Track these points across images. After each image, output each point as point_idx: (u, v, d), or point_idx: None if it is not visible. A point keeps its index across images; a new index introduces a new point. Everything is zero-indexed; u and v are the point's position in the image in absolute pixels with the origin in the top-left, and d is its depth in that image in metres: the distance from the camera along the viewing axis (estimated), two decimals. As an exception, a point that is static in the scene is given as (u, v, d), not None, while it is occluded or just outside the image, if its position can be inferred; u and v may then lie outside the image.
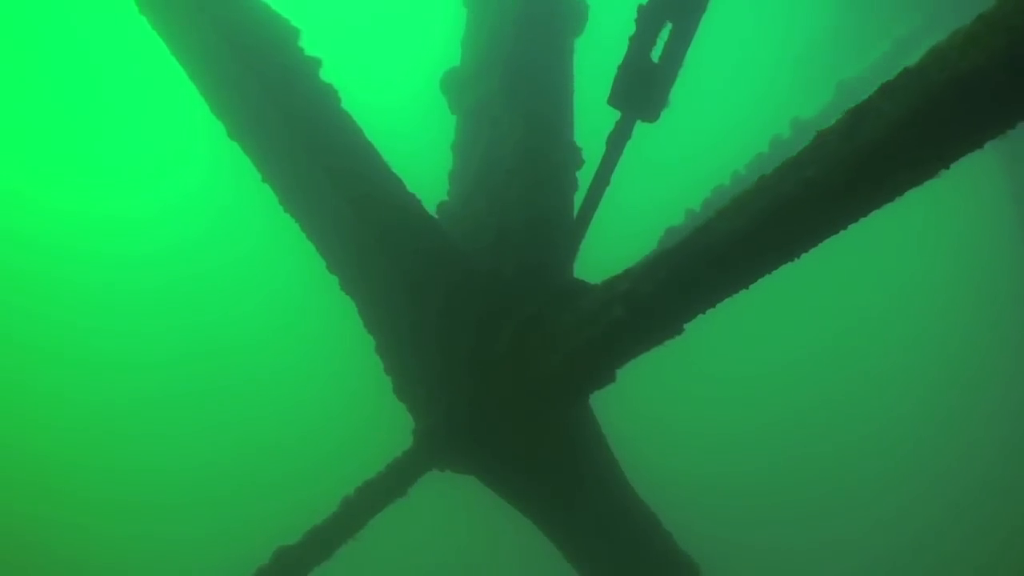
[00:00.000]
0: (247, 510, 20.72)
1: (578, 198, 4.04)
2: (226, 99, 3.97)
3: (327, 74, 4.03)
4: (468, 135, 4.54)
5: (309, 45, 4.00)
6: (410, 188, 3.99)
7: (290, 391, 24.01)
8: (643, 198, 23.13)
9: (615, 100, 3.59)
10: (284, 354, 24.45)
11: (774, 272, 2.79)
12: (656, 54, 3.51)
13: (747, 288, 2.85)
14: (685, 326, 3.09)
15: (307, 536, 4.19)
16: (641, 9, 3.43)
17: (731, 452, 24.23)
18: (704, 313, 3.02)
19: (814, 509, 22.99)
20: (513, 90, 4.30)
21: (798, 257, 2.67)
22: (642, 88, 3.50)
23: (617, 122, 3.70)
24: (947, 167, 2.23)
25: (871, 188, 2.35)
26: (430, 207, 4.15)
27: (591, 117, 4.57)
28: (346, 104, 4.00)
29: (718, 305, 2.98)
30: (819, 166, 2.36)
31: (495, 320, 3.73)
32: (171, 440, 22.70)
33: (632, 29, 3.45)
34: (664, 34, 3.46)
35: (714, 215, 2.78)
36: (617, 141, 3.71)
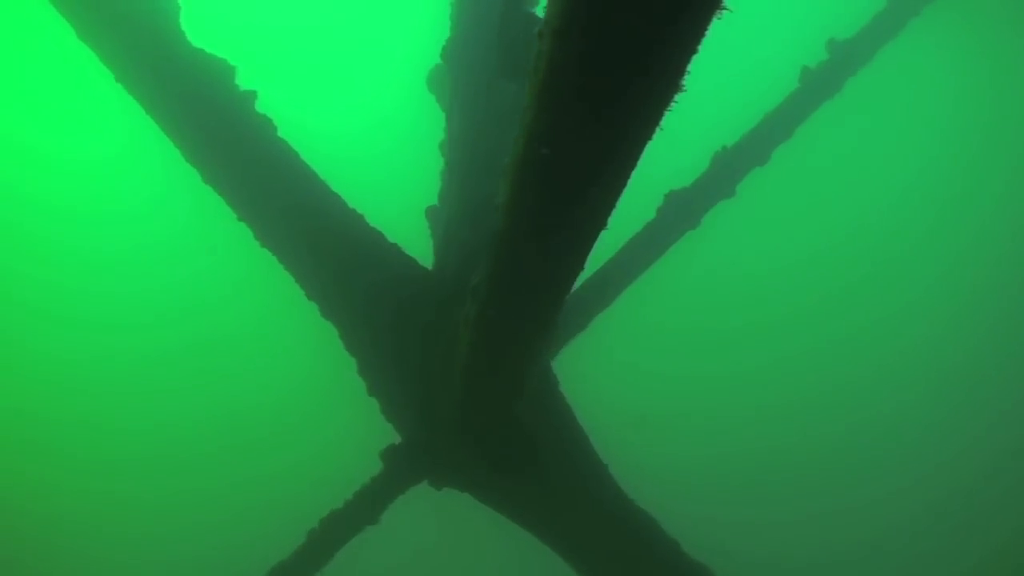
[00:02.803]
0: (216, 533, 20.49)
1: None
2: (182, 145, 3.96)
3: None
4: (454, 132, 4.29)
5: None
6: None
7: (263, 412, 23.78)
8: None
9: (506, 71, 3.34)
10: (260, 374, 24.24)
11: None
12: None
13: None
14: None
15: (272, 572, 3.99)
16: None
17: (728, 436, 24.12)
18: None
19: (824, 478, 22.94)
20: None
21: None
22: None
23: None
24: None
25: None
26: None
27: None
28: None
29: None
30: None
31: (437, 331, 3.61)
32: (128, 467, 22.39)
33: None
34: None
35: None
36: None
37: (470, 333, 2.75)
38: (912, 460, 22.05)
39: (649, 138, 1.74)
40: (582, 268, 2.37)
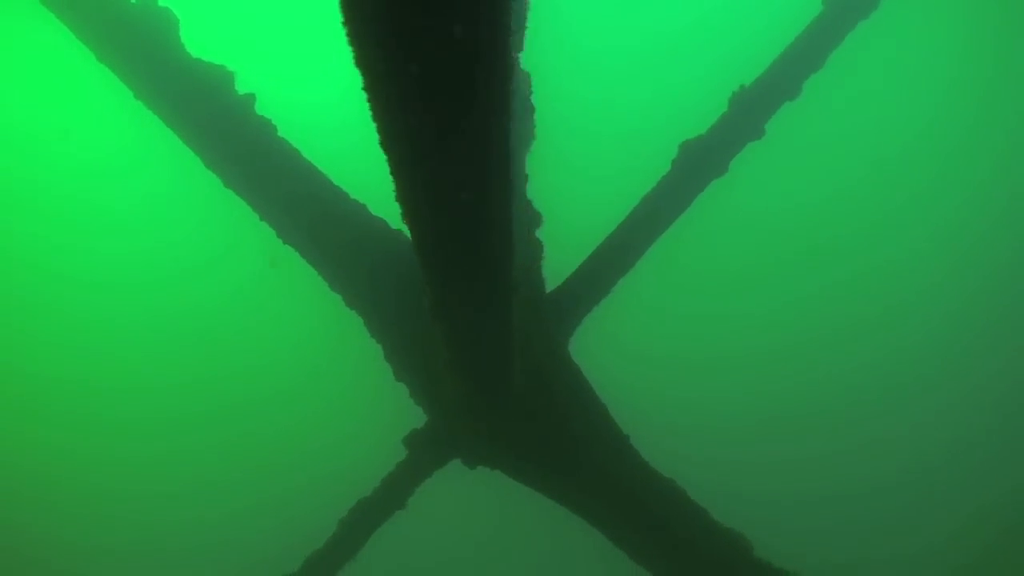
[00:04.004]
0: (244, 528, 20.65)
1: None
2: (198, 150, 4.13)
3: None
4: None
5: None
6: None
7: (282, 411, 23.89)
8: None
9: None
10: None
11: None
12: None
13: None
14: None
15: (308, 563, 4.10)
16: None
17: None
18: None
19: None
20: None
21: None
22: None
23: None
24: None
25: None
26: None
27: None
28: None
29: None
30: None
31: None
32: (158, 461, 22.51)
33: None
34: None
35: None
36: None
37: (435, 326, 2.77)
38: (930, 396, 22.22)
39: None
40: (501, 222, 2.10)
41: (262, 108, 4.05)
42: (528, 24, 3.87)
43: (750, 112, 4.49)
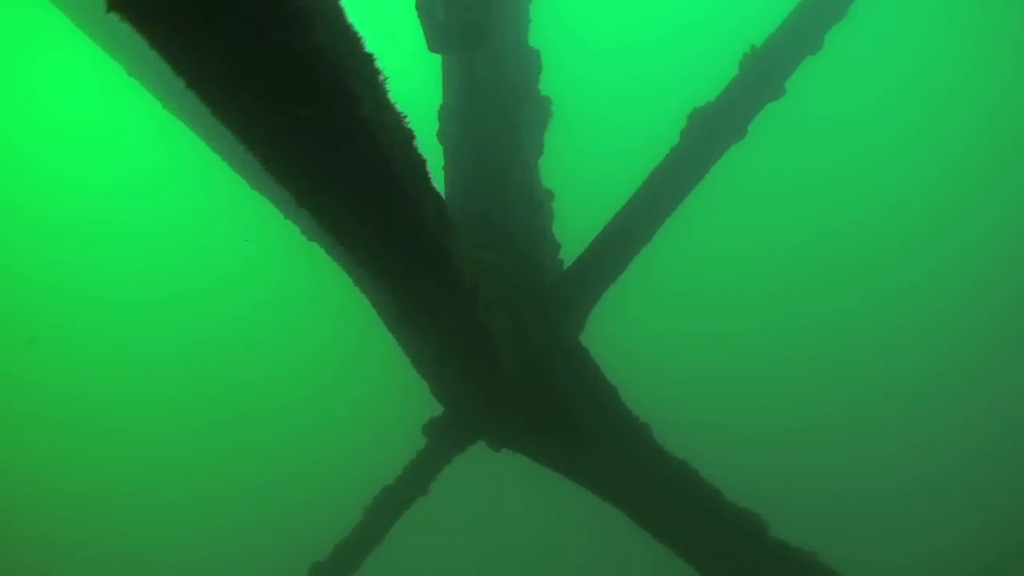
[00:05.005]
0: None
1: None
2: (226, 155, 4.18)
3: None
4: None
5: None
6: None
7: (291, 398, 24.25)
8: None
9: (439, 43, 3.27)
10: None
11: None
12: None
13: None
14: None
15: (336, 550, 4.23)
16: None
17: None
18: None
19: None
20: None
21: None
22: (465, 14, 3.20)
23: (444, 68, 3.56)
24: None
25: None
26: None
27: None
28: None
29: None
30: None
31: None
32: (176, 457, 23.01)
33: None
34: None
35: None
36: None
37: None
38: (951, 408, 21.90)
39: None
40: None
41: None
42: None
43: (766, 70, 4.15)
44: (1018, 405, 20.83)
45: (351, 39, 1.53)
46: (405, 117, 1.90)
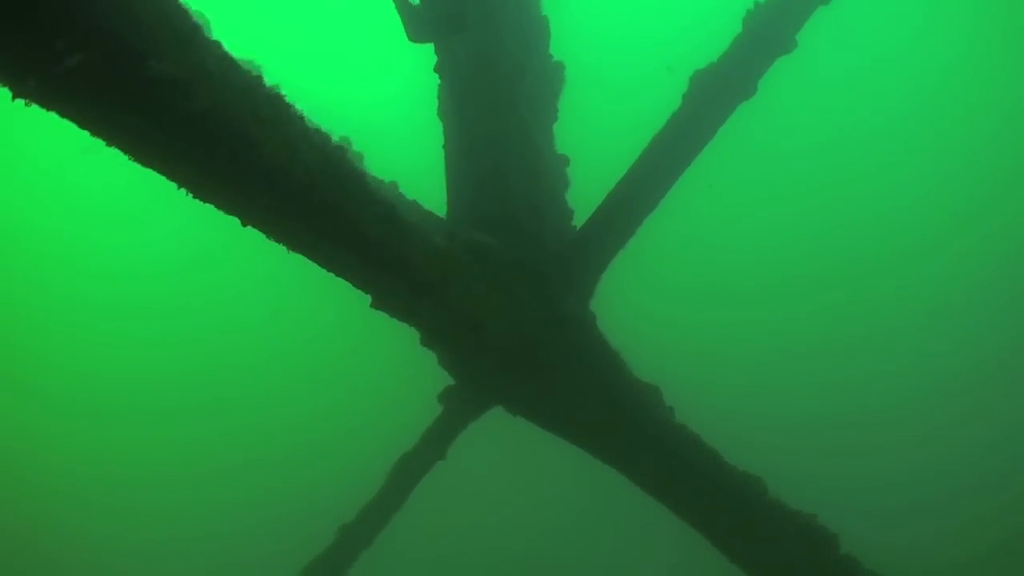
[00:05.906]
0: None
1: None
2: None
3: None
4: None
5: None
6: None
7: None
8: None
9: (418, 33, 3.28)
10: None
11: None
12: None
13: None
14: None
15: (362, 514, 4.50)
16: None
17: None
18: None
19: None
20: None
21: None
22: (439, 2, 3.22)
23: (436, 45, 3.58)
24: None
25: None
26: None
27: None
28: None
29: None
30: None
31: None
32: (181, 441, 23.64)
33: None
34: None
35: None
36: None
37: None
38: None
39: None
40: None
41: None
42: None
43: (774, 22, 4.00)
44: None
45: (241, 91, 1.65)
46: (328, 140, 2.02)
